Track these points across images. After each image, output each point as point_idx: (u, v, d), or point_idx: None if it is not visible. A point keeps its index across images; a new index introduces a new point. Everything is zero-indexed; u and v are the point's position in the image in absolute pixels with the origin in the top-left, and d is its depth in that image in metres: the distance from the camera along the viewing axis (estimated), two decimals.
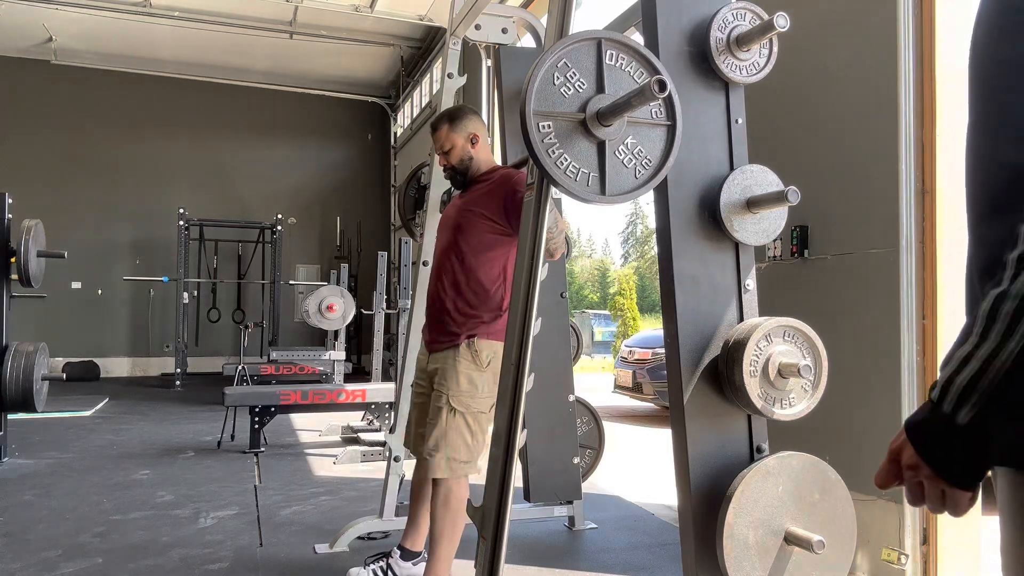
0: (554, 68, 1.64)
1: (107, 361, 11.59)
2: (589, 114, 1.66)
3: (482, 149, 2.73)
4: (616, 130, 1.67)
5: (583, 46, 1.67)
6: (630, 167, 1.70)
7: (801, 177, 2.31)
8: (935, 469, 0.81)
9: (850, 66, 3.07)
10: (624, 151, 1.70)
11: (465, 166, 2.71)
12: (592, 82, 1.68)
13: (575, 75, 1.66)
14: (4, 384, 4.78)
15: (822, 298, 3.19)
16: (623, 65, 1.70)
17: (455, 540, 2.51)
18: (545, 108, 1.63)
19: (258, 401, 5.44)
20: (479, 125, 2.74)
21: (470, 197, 2.69)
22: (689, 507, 1.78)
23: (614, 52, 1.69)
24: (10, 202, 5.11)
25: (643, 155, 1.71)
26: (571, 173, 1.65)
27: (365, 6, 9.45)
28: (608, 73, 1.68)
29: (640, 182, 1.72)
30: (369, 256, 11.54)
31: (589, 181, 1.67)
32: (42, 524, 3.70)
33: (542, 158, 1.62)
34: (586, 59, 1.68)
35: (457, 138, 2.69)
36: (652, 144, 1.73)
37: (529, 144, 1.61)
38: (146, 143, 12.11)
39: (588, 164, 1.67)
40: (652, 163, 1.72)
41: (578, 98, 1.66)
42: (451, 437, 2.51)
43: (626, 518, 3.98)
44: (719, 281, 1.89)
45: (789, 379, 1.78)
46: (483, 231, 2.59)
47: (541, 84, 1.63)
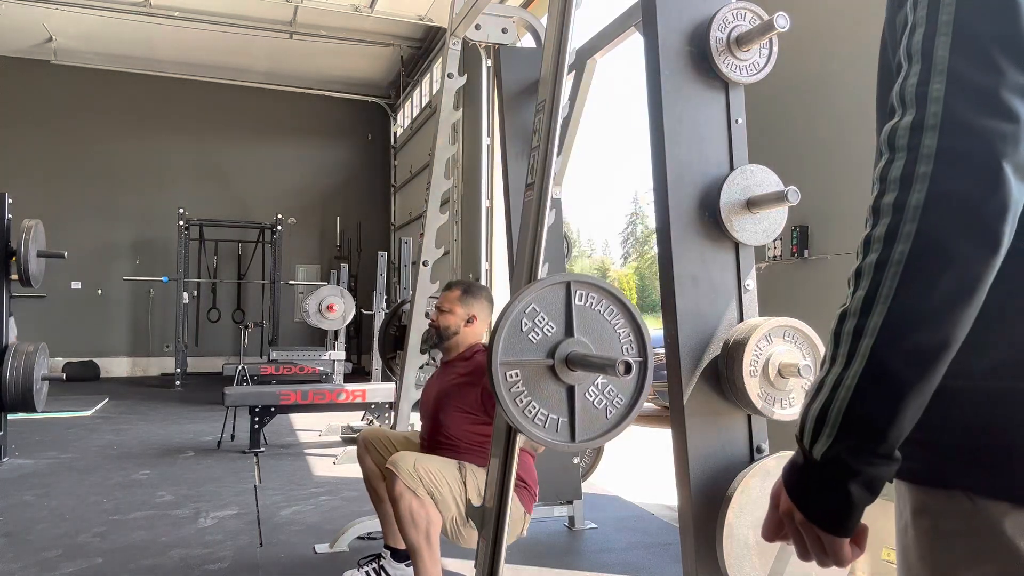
0: (522, 314, 1.61)
1: (107, 361, 11.59)
2: (558, 360, 1.61)
3: (472, 332, 2.80)
4: (586, 373, 1.63)
5: (552, 289, 1.63)
6: (600, 408, 1.66)
7: (801, 177, 2.31)
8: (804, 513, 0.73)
9: (850, 66, 3.07)
10: (594, 392, 1.65)
11: (447, 335, 2.79)
12: (560, 325, 1.63)
13: (543, 319, 1.62)
14: (4, 384, 4.78)
15: (822, 298, 3.19)
16: (593, 304, 1.66)
17: (434, 550, 2.44)
18: (512, 357, 1.59)
19: (258, 401, 5.44)
20: (485, 311, 2.82)
21: (445, 384, 2.74)
22: (689, 507, 1.78)
23: (583, 292, 1.65)
24: (10, 202, 5.11)
25: (614, 394, 1.66)
26: (539, 421, 1.61)
27: (365, 6, 9.46)
28: (578, 314, 1.64)
29: (611, 423, 1.66)
30: (369, 256, 11.55)
31: (558, 427, 1.63)
32: (42, 524, 3.70)
33: (509, 409, 1.58)
34: (555, 301, 1.64)
35: (460, 309, 2.78)
36: (624, 384, 1.67)
37: (496, 394, 1.58)
38: (146, 143, 12.11)
39: (557, 409, 1.63)
40: (624, 402, 1.67)
41: (546, 343, 1.62)
42: (435, 463, 2.47)
43: (626, 518, 3.98)
44: (719, 281, 1.89)
45: (789, 379, 1.78)
46: (464, 422, 2.63)
47: (509, 332, 1.59)
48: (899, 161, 0.69)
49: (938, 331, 0.66)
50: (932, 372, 0.68)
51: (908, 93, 0.70)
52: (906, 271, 0.67)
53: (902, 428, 0.68)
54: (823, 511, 0.72)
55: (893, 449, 0.69)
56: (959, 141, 0.66)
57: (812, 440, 0.71)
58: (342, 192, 13.23)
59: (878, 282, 0.68)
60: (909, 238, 0.67)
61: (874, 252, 0.70)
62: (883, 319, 0.68)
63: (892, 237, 0.68)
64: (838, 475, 0.70)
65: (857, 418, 0.69)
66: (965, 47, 0.68)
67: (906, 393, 0.67)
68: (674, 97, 1.90)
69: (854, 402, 0.69)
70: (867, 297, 0.69)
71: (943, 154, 0.66)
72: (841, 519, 0.71)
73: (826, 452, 0.70)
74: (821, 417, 0.71)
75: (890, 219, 0.69)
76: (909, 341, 0.67)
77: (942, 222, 0.66)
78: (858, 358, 0.69)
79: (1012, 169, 0.65)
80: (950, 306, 0.66)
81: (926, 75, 0.69)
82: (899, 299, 0.67)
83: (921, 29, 0.71)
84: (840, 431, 0.69)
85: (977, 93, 0.66)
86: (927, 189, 0.66)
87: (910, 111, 0.69)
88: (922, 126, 0.68)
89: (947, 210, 0.66)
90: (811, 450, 0.72)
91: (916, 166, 0.67)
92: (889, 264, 0.68)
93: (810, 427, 0.72)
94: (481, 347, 2.78)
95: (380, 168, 13.43)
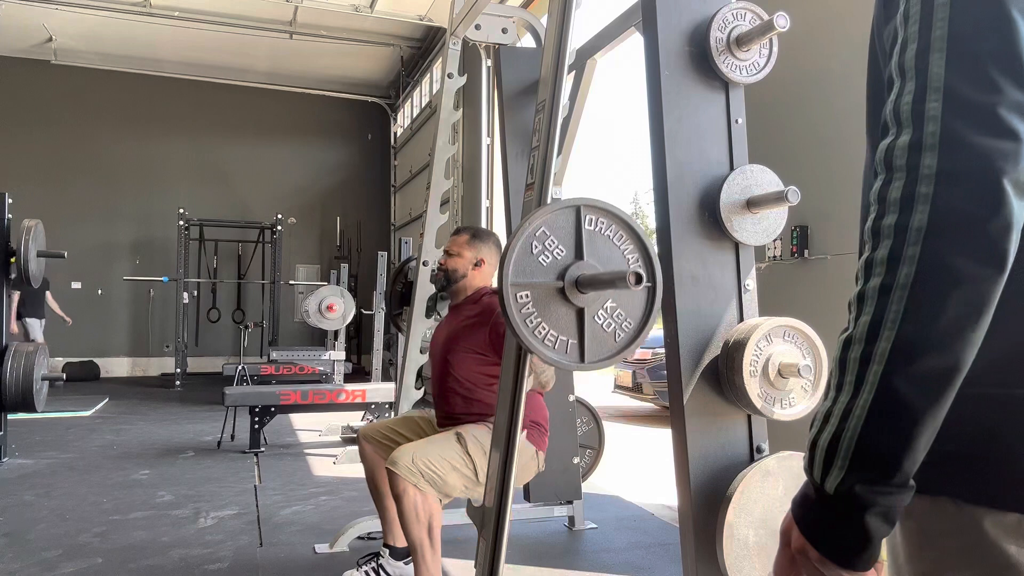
0: (532, 237, 1.62)
1: (107, 361, 11.59)
2: (567, 282, 1.63)
3: (480, 275, 2.80)
4: (595, 296, 1.64)
5: (562, 212, 1.65)
6: (609, 331, 1.67)
7: (801, 177, 2.31)
8: (819, 550, 0.69)
9: (850, 66, 3.07)
10: (603, 315, 1.66)
11: (455, 278, 2.79)
12: (571, 248, 1.65)
13: (553, 243, 1.63)
14: (4, 384, 4.78)
15: (822, 298, 3.19)
16: (602, 229, 1.67)
17: (436, 547, 2.44)
18: (523, 279, 1.61)
19: (258, 401, 5.44)
20: (493, 255, 2.82)
21: (454, 327, 2.76)
22: (689, 507, 1.78)
23: (593, 217, 1.66)
24: (10, 202, 5.11)
25: (623, 318, 1.67)
26: (549, 342, 1.62)
27: (365, 6, 9.46)
28: (587, 239, 1.65)
29: (620, 346, 1.68)
30: (369, 256, 11.54)
31: (568, 349, 1.64)
32: (42, 524, 3.70)
33: (520, 329, 1.59)
34: (565, 225, 1.65)
35: (468, 252, 2.79)
36: (633, 306, 1.68)
37: (507, 315, 1.59)
38: (146, 143, 12.11)
39: (567, 331, 1.64)
40: (632, 325, 1.68)
41: (556, 266, 1.63)
42: (434, 451, 2.46)
43: (626, 518, 3.98)
44: (719, 281, 1.89)
45: (789, 379, 1.78)
46: (474, 363, 2.65)
47: (519, 254, 1.60)
48: (898, 182, 0.68)
49: (949, 354, 0.65)
50: (944, 397, 0.66)
51: (903, 111, 0.69)
52: (912, 294, 0.65)
53: (917, 455, 0.67)
54: (840, 547, 0.69)
55: (908, 477, 0.67)
56: (959, 161, 0.65)
57: (823, 473, 0.69)
58: (342, 192, 13.22)
59: (884, 306, 0.67)
60: (914, 261, 0.65)
61: (877, 276, 0.68)
62: (891, 344, 0.66)
63: (896, 260, 0.66)
64: (854, 508, 0.67)
65: (870, 448, 0.67)
66: (961, 64, 0.66)
67: (919, 420, 0.66)
68: (674, 97, 1.90)
69: (866, 432, 0.67)
70: (873, 322, 0.67)
71: (944, 174, 0.65)
72: (859, 553, 0.68)
73: (839, 485, 0.68)
74: (831, 449, 0.69)
75: (892, 241, 0.67)
76: (920, 366, 0.65)
77: (946, 243, 0.64)
78: (867, 386, 0.67)
79: (1012, 187, 0.64)
80: (960, 328, 0.65)
81: (921, 92, 0.68)
82: (907, 323, 0.65)
83: (914, 45, 0.69)
84: (853, 463, 0.67)
85: (975, 112, 0.65)
86: (929, 210, 0.65)
87: (906, 130, 0.68)
88: (921, 145, 0.66)
89: (951, 231, 0.64)
90: (823, 483, 0.69)
91: (916, 186, 0.66)
92: (895, 288, 0.66)
93: (820, 459, 0.70)
94: (489, 290, 2.79)
95: (380, 168, 13.43)
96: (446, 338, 2.76)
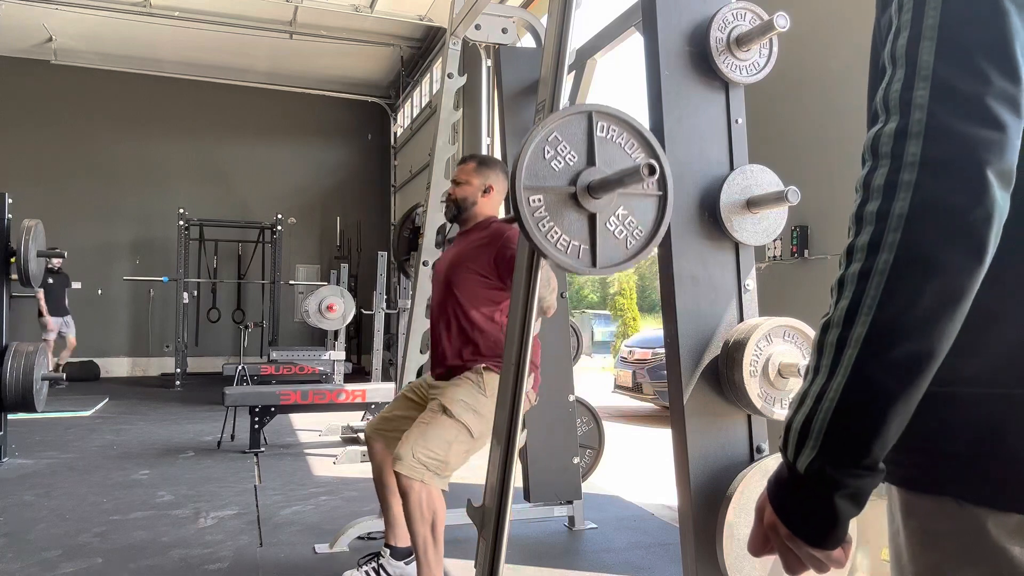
0: (544, 142, 1.62)
1: (107, 361, 11.58)
2: (580, 187, 1.64)
3: (489, 203, 2.79)
4: (607, 202, 1.65)
5: (574, 119, 1.65)
6: (621, 238, 1.68)
7: (801, 177, 2.31)
8: (789, 528, 0.71)
9: (850, 66, 3.07)
10: (615, 222, 1.67)
11: (465, 206, 2.78)
12: (583, 155, 1.65)
13: (565, 148, 1.64)
14: (4, 384, 4.78)
15: (822, 298, 3.18)
16: (614, 137, 1.68)
17: (439, 545, 2.46)
18: (535, 183, 1.61)
19: (258, 401, 5.44)
20: (501, 182, 2.80)
21: (461, 249, 2.74)
22: (689, 507, 1.78)
23: (605, 124, 1.67)
24: (10, 202, 5.11)
25: (634, 225, 1.69)
26: (561, 246, 1.63)
27: (365, 6, 9.46)
28: (599, 145, 1.66)
29: (631, 252, 1.69)
30: (369, 256, 11.54)
31: (580, 253, 1.65)
32: (42, 524, 3.70)
33: (532, 232, 1.60)
34: (577, 132, 1.65)
35: (476, 179, 2.77)
36: (643, 214, 1.69)
37: (519, 217, 1.60)
38: (146, 143, 12.11)
39: (579, 236, 1.65)
40: (643, 233, 1.70)
41: (568, 171, 1.64)
42: (431, 435, 2.46)
43: (626, 518, 3.98)
44: (719, 281, 1.89)
45: (789, 379, 1.78)
46: (477, 285, 2.64)
47: (531, 159, 1.61)
48: (882, 169, 0.68)
49: (923, 342, 0.66)
50: (917, 383, 0.67)
51: (892, 99, 0.69)
52: (890, 281, 0.66)
53: (886, 440, 0.68)
54: (808, 525, 0.70)
55: (877, 461, 0.68)
56: (944, 149, 0.65)
57: (796, 452, 0.70)
58: (342, 192, 13.22)
59: (861, 292, 0.68)
60: (893, 247, 0.66)
61: (857, 261, 0.69)
62: (867, 330, 0.67)
63: (876, 246, 0.67)
64: (822, 488, 0.68)
65: (841, 430, 0.68)
66: (950, 53, 0.67)
67: (891, 405, 0.66)
68: (674, 97, 1.90)
69: (837, 414, 0.68)
70: (850, 307, 0.68)
71: (927, 162, 0.65)
72: (826, 532, 0.70)
73: (809, 465, 0.69)
74: (804, 429, 0.70)
75: (873, 228, 0.68)
76: (893, 352, 0.66)
77: (926, 231, 0.65)
78: (841, 369, 0.68)
79: (996, 177, 0.64)
80: (935, 316, 0.65)
81: (910, 81, 0.68)
82: (883, 309, 0.66)
83: (905, 33, 0.70)
84: (824, 444, 0.68)
85: (962, 100, 0.65)
86: (911, 198, 0.65)
87: (894, 117, 0.69)
88: (906, 133, 0.67)
89: (931, 219, 0.65)
90: (795, 462, 0.70)
91: (900, 174, 0.66)
92: (873, 274, 0.67)
93: (793, 439, 0.71)
94: (498, 219, 2.79)
95: (380, 168, 13.43)
96: (451, 259, 2.75)
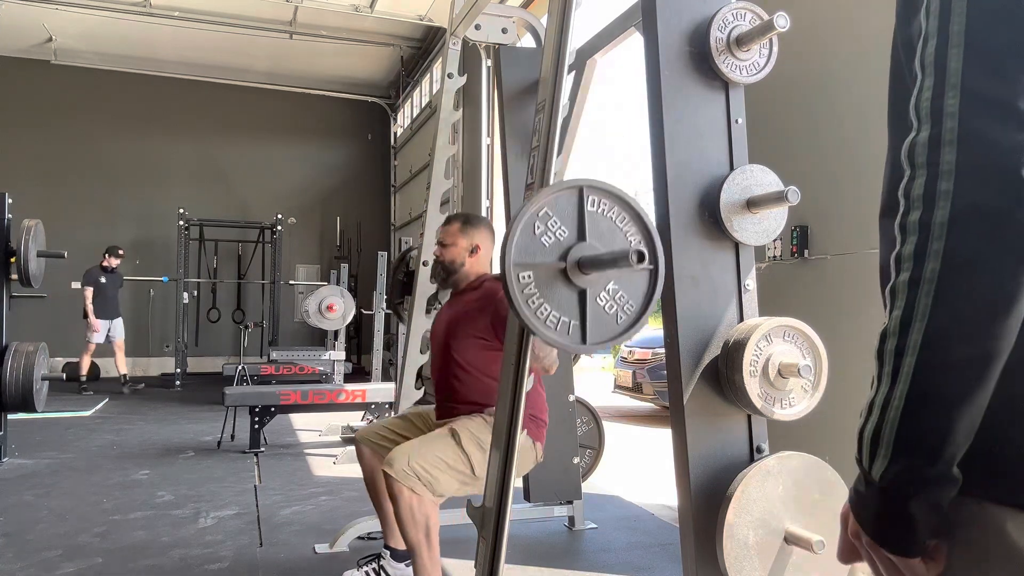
0: (535, 218, 1.61)
1: (107, 361, 11.56)
2: (570, 263, 1.62)
3: (477, 262, 2.79)
4: (597, 277, 1.64)
5: (565, 194, 1.64)
6: (611, 313, 1.66)
7: (801, 177, 2.31)
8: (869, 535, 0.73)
9: (850, 66, 3.07)
10: (606, 297, 1.66)
11: (454, 268, 2.78)
12: (573, 229, 1.64)
13: (556, 223, 1.63)
14: (4, 384, 4.78)
15: (822, 298, 3.19)
16: (605, 211, 1.67)
17: (434, 547, 2.44)
18: (525, 259, 1.60)
19: (258, 401, 5.43)
20: (488, 240, 2.81)
21: (456, 313, 2.75)
22: (689, 507, 1.78)
23: (596, 198, 1.66)
24: (10, 202, 5.11)
25: (625, 300, 1.67)
26: (551, 323, 1.61)
27: (365, 6, 9.46)
28: (590, 220, 1.64)
29: (622, 327, 1.67)
30: (369, 256, 11.54)
31: (570, 330, 1.63)
32: (42, 524, 3.70)
33: (522, 310, 1.59)
34: (567, 206, 1.64)
35: (462, 240, 2.76)
36: (635, 288, 1.67)
37: (509, 296, 1.59)
38: (146, 143, 12.10)
39: (569, 312, 1.63)
40: (635, 308, 1.68)
41: (559, 247, 1.62)
42: (430, 449, 2.45)
43: (626, 518, 3.98)
44: (719, 281, 1.89)
45: (789, 379, 1.78)
46: (476, 348, 2.64)
47: (522, 236, 1.60)
48: (920, 179, 0.69)
49: (978, 344, 0.66)
50: (978, 385, 0.67)
51: (923, 107, 0.70)
52: (940, 288, 0.67)
53: (956, 444, 0.68)
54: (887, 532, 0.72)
55: (950, 466, 0.69)
56: (978, 156, 0.66)
57: (870, 461, 0.72)
58: (342, 192, 13.22)
59: (913, 300, 0.69)
60: (938, 256, 0.67)
61: (906, 271, 0.70)
62: (922, 336, 0.68)
63: (921, 256, 0.68)
64: (898, 496, 0.70)
65: (909, 438, 0.69)
66: (978, 58, 0.67)
67: (954, 408, 0.67)
68: (674, 97, 1.90)
69: (904, 422, 0.69)
70: (904, 316, 0.70)
71: (963, 169, 0.66)
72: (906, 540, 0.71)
73: (884, 473, 0.70)
74: (875, 439, 0.71)
75: (917, 237, 0.69)
76: (951, 356, 0.67)
77: (969, 238, 0.66)
78: (902, 377, 0.69)
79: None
80: (989, 317, 0.66)
81: (940, 88, 0.69)
82: (936, 315, 0.67)
83: (933, 40, 0.70)
84: (894, 452, 0.70)
85: (993, 105, 0.66)
86: (951, 206, 0.67)
87: (926, 126, 0.69)
88: (940, 142, 0.68)
89: (973, 226, 0.66)
90: (870, 471, 0.72)
91: (937, 183, 0.67)
92: (922, 282, 0.68)
93: (867, 448, 0.72)
94: (489, 276, 2.78)
95: (380, 168, 13.42)
96: (448, 323, 2.76)
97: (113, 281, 9.31)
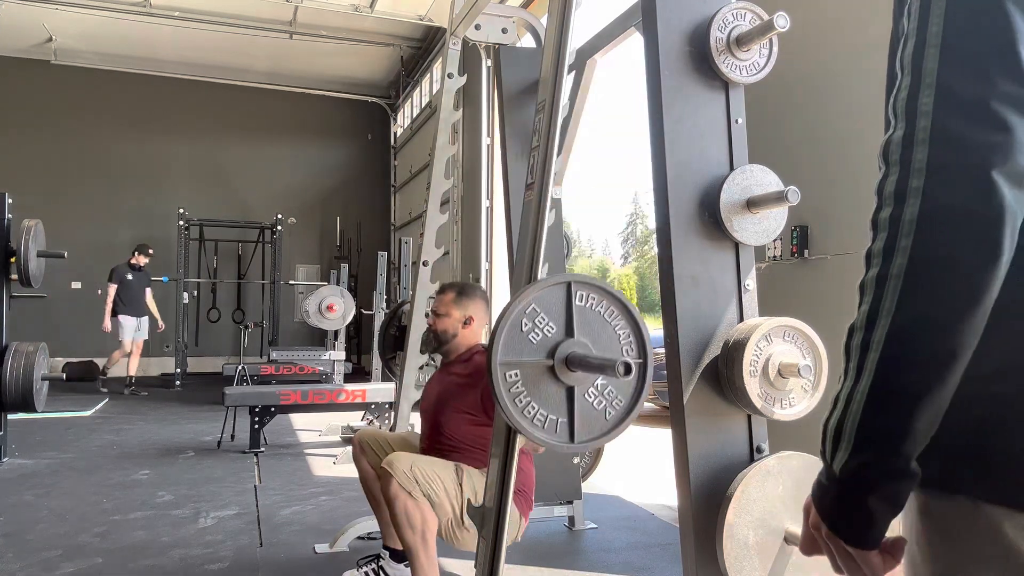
0: (522, 315, 1.59)
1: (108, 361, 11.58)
2: (557, 360, 1.60)
3: (470, 333, 2.78)
4: (585, 374, 1.62)
5: (553, 289, 1.62)
6: (600, 408, 1.64)
7: (801, 177, 2.31)
8: (829, 527, 0.74)
9: (850, 66, 3.07)
10: (594, 393, 1.64)
11: (446, 338, 2.77)
12: (561, 325, 1.62)
13: (543, 320, 1.61)
14: (4, 384, 4.78)
15: (822, 298, 3.19)
16: (593, 305, 1.65)
17: (431, 549, 2.43)
18: (512, 357, 1.58)
19: (258, 401, 5.43)
20: (481, 311, 2.80)
21: (445, 387, 2.74)
22: (689, 507, 1.78)
23: (584, 293, 1.64)
24: (10, 202, 5.11)
25: (613, 395, 1.65)
26: (539, 421, 1.60)
27: (365, 6, 9.45)
28: (578, 314, 1.63)
29: (610, 425, 1.65)
30: (369, 256, 11.54)
31: (557, 428, 1.61)
32: (42, 524, 3.70)
33: (508, 409, 1.57)
34: (555, 302, 1.62)
35: (455, 311, 2.75)
36: (624, 385, 1.66)
37: (496, 396, 1.57)
38: (146, 143, 12.10)
39: (556, 410, 1.61)
40: (623, 404, 1.66)
41: (546, 343, 1.60)
42: (431, 463, 2.45)
43: (626, 518, 3.98)
44: (719, 281, 1.89)
45: (789, 379, 1.78)
46: (465, 423, 2.63)
47: (509, 332, 1.58)
48: (893, 176, 0.70)
49: (942, 341, 0.67)
50: (941, 382, 0.68)
51: (899, 106, 0.71)
52: (906, 284, 0.68)
53: (916, 440, 0.69)
54: (846, 524, 0.72)
55: (909, 462, 0.70)
56: (949, 154, 0.67)
57: (832, 454, 0.73)
58: (342, 192, 13.22)
59: (880, 295, 0.70)
60: (906, 252, 0.68)
61: (874, 267, 0.71)
62: (886, 332, 0.69)
63: (890, 251, 0.69)
64: (857, 489, 0.71)
65: (870, 432, 0.70)
66: (954, 58, 0.68)
67: (915, 404, 0.68)
68: (674, 97, 1.90)
69: (866, 416, 0.70)
70: (871, 311, 0.70)
71: (933, 168, 0.67)
72: (863, 532, 0.72)
73: (844, 466, 0.71)
74: (837, 432, 0.72)
75: (887, 234, 0.70)
76: (914, 352, 0.68)
77: (936, 235, 0.67)
78: (866, 371, 0.70)
79: (1005, 178, 0.65)
80: (953, 316, 0.67)
81: (915, 88, 0.70)
82: (901, 311, 0.68)
83: (912, 41, 0.71)
84: (855, 445, 0.70)
85: (966, 105, 0.67)
86: (920, 203, 0.67)
87: (901, 125, 0.70)
88: (912, 140, 0.69)
89: (941, 223, 0.67)
90: (832, 464, 0.73)
91: (908, 181, 0.68)
92: (889, 278, 0.69)
93: (829, 441, 0.73)
94: (480, 348, 2.77)
95: (380, 168, 13.42)
96: (437, 397, 2.75)
97: (140, 279, 9.27)
